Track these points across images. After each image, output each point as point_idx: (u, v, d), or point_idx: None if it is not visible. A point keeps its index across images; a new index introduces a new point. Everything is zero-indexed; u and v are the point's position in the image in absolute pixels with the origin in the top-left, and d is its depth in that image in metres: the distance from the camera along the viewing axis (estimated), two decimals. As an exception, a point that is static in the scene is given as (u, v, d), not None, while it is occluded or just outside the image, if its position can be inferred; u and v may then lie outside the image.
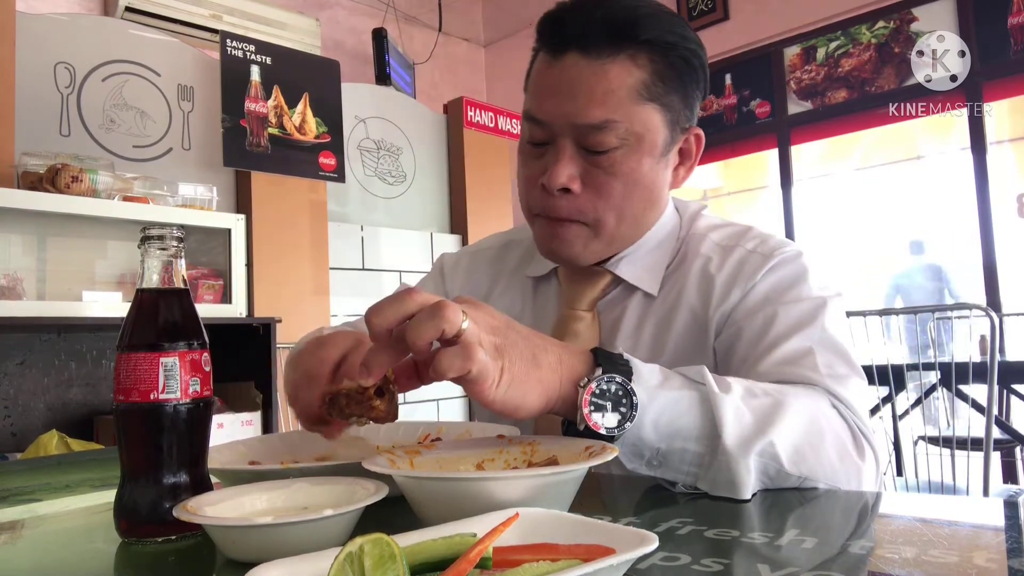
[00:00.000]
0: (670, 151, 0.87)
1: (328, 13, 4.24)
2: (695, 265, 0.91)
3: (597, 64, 0.80)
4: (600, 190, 0.84)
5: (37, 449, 2.19)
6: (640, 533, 0.42)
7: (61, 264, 2.51)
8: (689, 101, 0.87)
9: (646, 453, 0.67)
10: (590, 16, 0.81)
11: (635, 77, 0.81)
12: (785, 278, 0.86)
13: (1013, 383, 3.00)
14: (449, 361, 0.57)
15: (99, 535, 0.63)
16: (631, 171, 0.83)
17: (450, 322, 0.57)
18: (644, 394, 0.65)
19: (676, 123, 0.86)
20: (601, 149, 0.82)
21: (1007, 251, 3.43)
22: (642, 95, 0.81)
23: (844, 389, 0.76)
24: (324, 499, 0.57)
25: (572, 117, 0.81)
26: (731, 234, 0.94)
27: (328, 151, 3.29)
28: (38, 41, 2.57)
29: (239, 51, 3.03)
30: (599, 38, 0.80)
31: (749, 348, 0.82)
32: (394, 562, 0.37)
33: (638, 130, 0.82)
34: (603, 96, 0.80)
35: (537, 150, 0.87)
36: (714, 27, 4.29)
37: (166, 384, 0.58)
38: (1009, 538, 0.52)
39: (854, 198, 4.21)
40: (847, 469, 0.71)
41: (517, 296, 1.02)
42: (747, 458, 0.65)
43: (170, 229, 0.62)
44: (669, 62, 0.83)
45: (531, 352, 0.64)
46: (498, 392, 0.60)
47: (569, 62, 0.82)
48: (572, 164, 0.83)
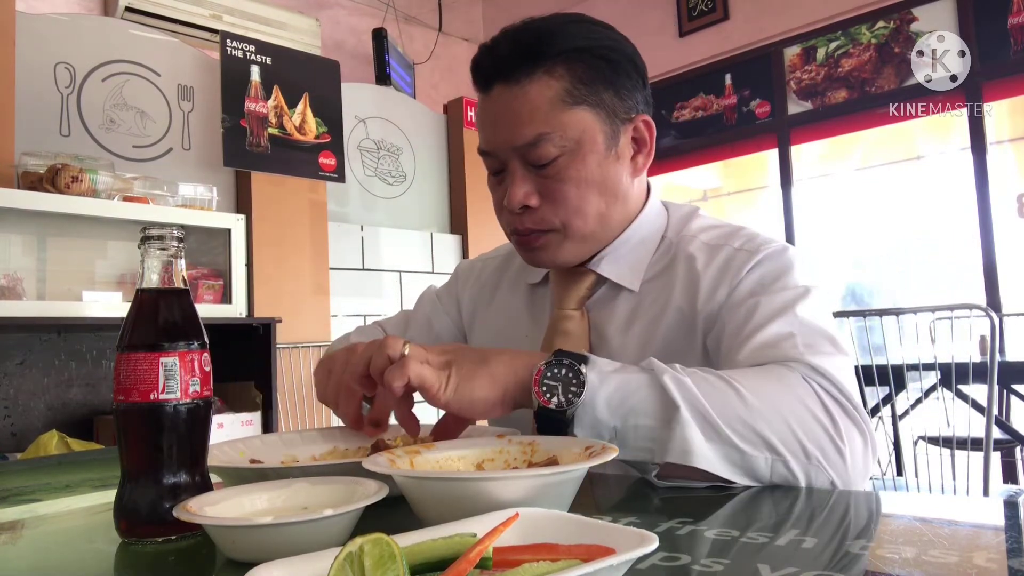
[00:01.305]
0: (616, 144, 0.91)
1: (328, 13, 4.24)
2: (683, 265, 0.94)
3: (517, 88, 0.87)
4: (556, 198, 0.89)
5: (37, 449, 2.19)
6: (640, 533, 0.42)
7: (61, 264, 2.51)
8: (623, 94, 0.90)
9: (605, 434, 0.71)
10: (503, 48, 0.88)
11: (554, 88, 0.86)
12: (770, 272, 0.87)
13: (1013, 383, 3.00)
14: (390, 375, 0.70)
15: (99, 535, 0.63)
16: (579, 173, 0.88)
17: (392, 348, 0.72)
18: (596, 377, 0.71)
19: (614, 116, 0.90)
20: (544, 162, 0.87)
21: (1007, 251, 3.43)
22: (566, 102, 0.87)
23: (822, 360, 0.75)
24: (324, 499, 0.57)
25: (510, 141, 0.88)
26: (720, 234, 0.95)
27: (328, 151, 3.29)
28: (38, 41, 2.57)
29: (239, 51, 3.03)
30: (515, 64, 0.87)
31: (731, 339, 0.83)
32: (394, 562, 0.37)
33: (573, 135, 0.87)
34: (530, 114, 0.86)
35: (497, 178, 0.94)
36: (714, 27, 4.29)
37: (166, 384, 0.58)
38: (1009, 538, 0.52)
39: (854, 198, 4.21)
40: (820, 445, 0.69)
41: (517, 301, 1.08)
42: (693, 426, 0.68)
43: (170, 229, 0.62)
44: (587, 65, 0.88)
45: (480, 356, 0.74)
46: (447, 393, 0.71)
47: (496, 94, 0.89)
48: (525, 183, 0.89)
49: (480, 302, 1.13)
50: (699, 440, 0.68)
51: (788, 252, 0.90)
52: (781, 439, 0.69)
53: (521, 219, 0.91)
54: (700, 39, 4.38)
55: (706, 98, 4.42)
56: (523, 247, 0.94)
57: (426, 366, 0.71)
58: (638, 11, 4.63)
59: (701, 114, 4.45)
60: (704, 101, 4.43)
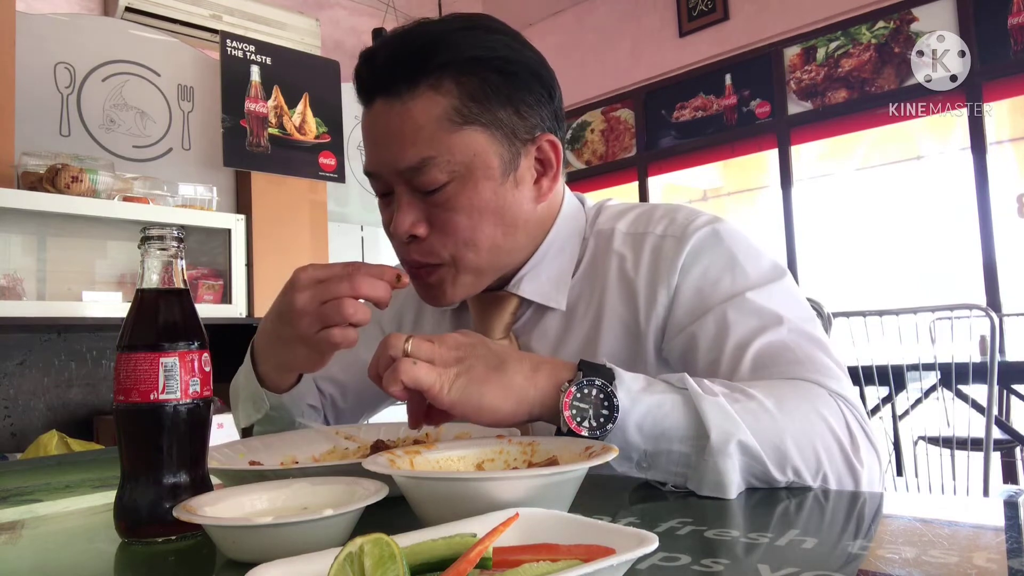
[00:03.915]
0: (515, 168, 0.81)
1: (328, 13, 4.24)
2: (611, 266, 0.86)
3: (399, 104, 0.77)
4: (446, 229, 0.80)
5: (37, 449, 2.19)
6: (640, 533, 0.42)
7: (61, 264, 2.51)
8: (524, 111, 0.81)
9: (634, 456, 0.68)
10: (383, 57, 0.79)
11: (441, 106, 0.77)
12: (712, 267, 0.81)
13: (1013, 383, 3.00)
14: (385, 380, 0.65)
15: (99, 535, 0.63)
16: (471, 202, 0.79)
17: (393, 347, 0.65)
18: (626, 398, 0.66)
19: (513, 137, 0.80)
20: (431, 188, 0.78)
21: (1007, 251, 3.43)
22: (455, 121, 0.77)
23: (838, 383, 0.74)
24: (324, 499, 0.57)
25: (392, 164, 0.79)
26: (637, 218, 0.88)
27: (328, 151, 3.29)
28: (38, 41, 2.57)
29: (239, 51, 3.03)
30: (396, 77, 0.77)
31: (712, 355, 0.78)
32: (394, 562, 0.37)
33: (463, 158, 0.78)
34: (413, 135, 0.77)
35: (385, 201, 0.84)
36: (714, 27, 4.29)
37: (166, 384, 0.58)
38: (1009, 538, 0.52)
39: (854, 198, 4.21)
40: (840, 474, 0.69)
41: (440, 329, 0.98)
42: (732, 459, 0.64)
43: (170, 229, 0.62)
44: (480, 78, 0.78)
45: (497, 361, 0.67)
46: (451, 394, 0.65)
47: (377, 109, 0.80)
48: (412, 210, 0.80)
49: (403, 329, 1.02)
50: (733, 469, 0.64)
51: (720, 234, 0.83)
52: (805, 463, 0.68)
53: (408, 250, 0.82)
54: (700, 39, 4.38)
55: (706, 98, 4.42)
56: (417, 283, 0.86)
57: (424, 366, 0.64)
58: (638, 11, 4.64)
59: (701, 114, 4.45)
60: (704, 101, 4.43)
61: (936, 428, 2.32)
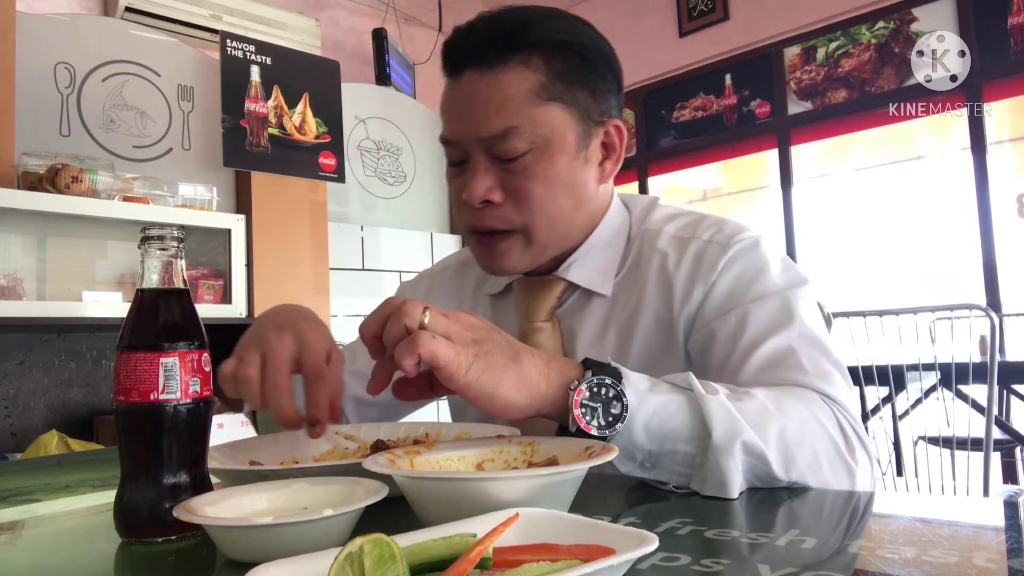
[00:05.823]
0: (587, 147, 0.87)
1: (328, 13, 4.24)
2: (653, 263, 0.90)
3: (490, 75, 0.82)
4: (520, 196, 0.84)
5: (37, 449, 2.19)
6: (640, 533, 0.42)
7: (61, 264, 2.51)
8: (598, 95, 0.87)
9: (638, 456, 0.68)
10: (479, 32, 0.84)
11: (530, 81, 0.82)
12: (747, 272, 0.85)
13: (1013, 383, 3.00)
14: (399, 352, 0.61)
15: (99, 535, 0.63)
16: (547, 172, 0.84)
17: (410, 316, 0.62)
18: (634, 398, 0.66)
19: (587, 118, 0.86)
20: (511, 156, 0.83)
21: (1007, 251, 3.42)
22: (541, 96, 0.82)
23: (833, 388, 0.77)
24: (324, 499, 0.57)
25: (477, 131, 0.83)
26: (686, 224, 0.92)
27: (328, 151, 3.29)
28: (38, 41, 2.57)
29: (239, 51, 3.03)
30: (489, 51, 0.83)
31: (725, 352, 0.81)
32: (394, 562, 0.37)
33: (544, 131, 0.83)
34: (500, 105, 0.82)
35: (457, 170, 0.88)
36: (714, 27, 4.29)
37: (166, 384, 0.58)
38: (1009, 538, 0.52)
39: (854, 198, 4.21)
40: (837, 472, 0.71)
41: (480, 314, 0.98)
42: (735, 458, 0.65)
43: (170, 229, 0.62)
44: (565, 60, 0.84)
45: (513, 350, 0.66)
46: (469, 377, 0.62)
47: (466, 80, 0.84)
48: (487, 176, 0.84)
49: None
50: (736, 470, 0.65)
51: (761, 246, 0.87)
52: (806, 463, 0.69)
53: (481, 216, 0.85)
54: (700, 39, 4.38)
55: (706, 98, 4.42)
56: (482, 251, 0.89)
57: (443, 342, 0.61)
58: (638, 11, 4.63)
59: (701, 114, 4.44)
60: (704, 101, 4.43)
61: (936, 428, 2.32)
